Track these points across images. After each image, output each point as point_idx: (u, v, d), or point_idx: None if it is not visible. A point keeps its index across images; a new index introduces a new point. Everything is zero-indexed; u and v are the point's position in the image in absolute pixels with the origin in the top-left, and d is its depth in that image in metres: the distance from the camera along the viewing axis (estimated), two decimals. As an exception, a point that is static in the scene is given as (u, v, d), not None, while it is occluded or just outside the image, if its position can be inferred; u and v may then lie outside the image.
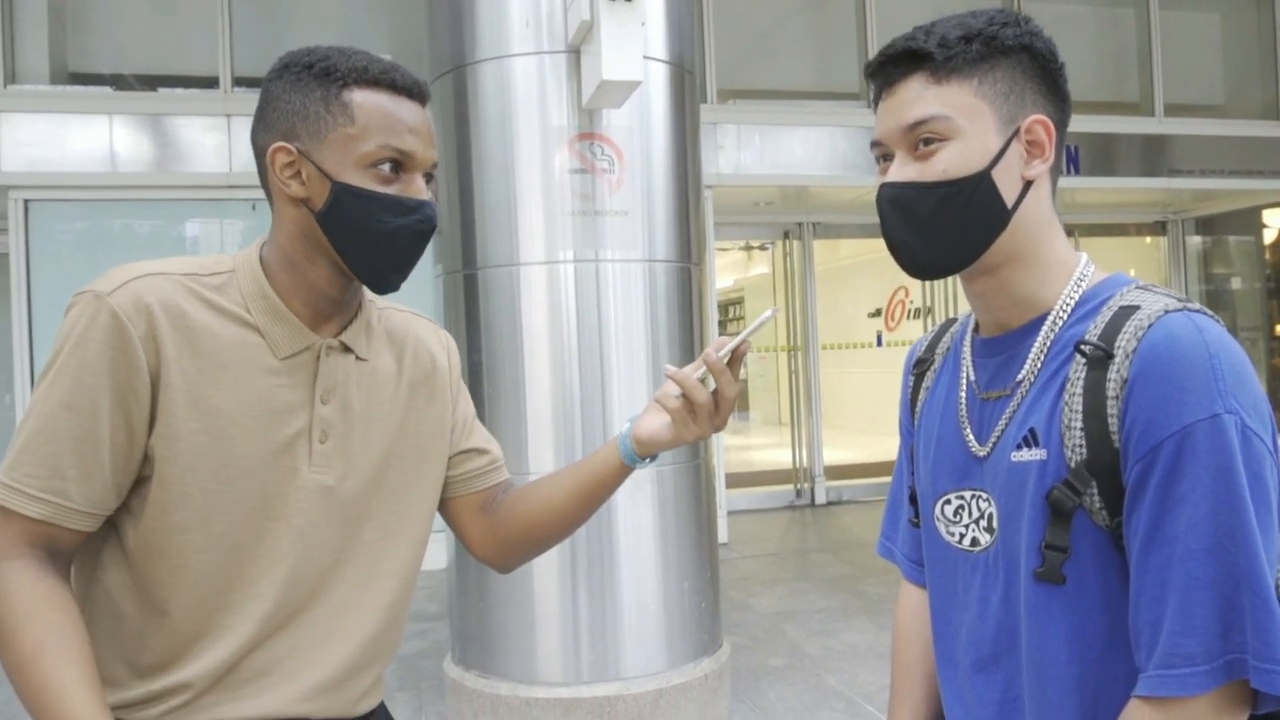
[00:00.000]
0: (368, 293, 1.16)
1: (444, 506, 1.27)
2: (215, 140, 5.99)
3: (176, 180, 5.92)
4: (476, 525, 1.27)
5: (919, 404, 1.17)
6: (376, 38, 6.68)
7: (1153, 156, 7.68)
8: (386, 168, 1.03)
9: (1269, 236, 8.74)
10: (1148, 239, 9.08)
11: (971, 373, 1.07)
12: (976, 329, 1.09)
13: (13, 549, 0.97)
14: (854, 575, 5.62)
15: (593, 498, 1.22)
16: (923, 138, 0.96)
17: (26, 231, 5.75)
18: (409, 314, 1.26)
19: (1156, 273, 8.91)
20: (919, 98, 0.96)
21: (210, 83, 6.11)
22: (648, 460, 1.18)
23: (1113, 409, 0.89)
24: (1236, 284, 8.97)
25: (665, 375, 1.13)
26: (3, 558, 0.97)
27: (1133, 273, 1.04)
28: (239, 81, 6.15)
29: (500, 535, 1.26)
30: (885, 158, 1.01)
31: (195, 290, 1.04)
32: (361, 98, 1.03)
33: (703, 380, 1.11)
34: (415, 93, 1.07)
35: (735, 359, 1.11)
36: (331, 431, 1.09)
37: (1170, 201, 8.47)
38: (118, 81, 6.22)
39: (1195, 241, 8.95)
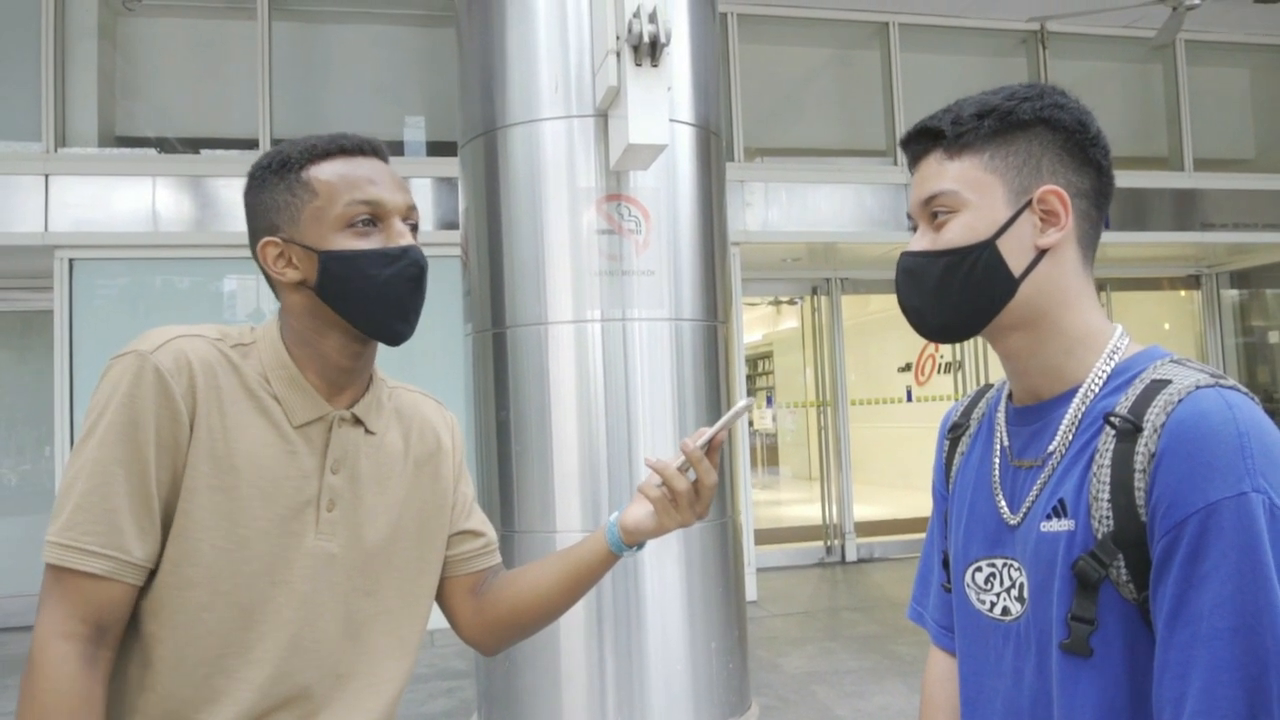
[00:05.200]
0: (379, 371, 1.21)
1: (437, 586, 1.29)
2: (254, 200, 6.13)
3: (216, 239, 6.07)
4: (466, 607, 1.29)
5: (954, 469, 1.17)
6: (409, 102, 6.86)
7: (1184, 211, 7.64)
8: (361, 223, 1.09)
9: (1305, 290, 8.63)
10: (1182, 293, 8.99)
11: (1005, 439, 1.07)
12: (1010, 396, 1.09)
13: (68, 624, 0.98)
14: (886, 635, 5.52)
15: (579, 584, 1.25)
16: (934, 211, 1.01)
17: (71, 289, 5.91)
18: (418, 394, 1.30)
19: (1191, 326, 8.81)
20: (935, 173, 1.01)
21: (250, 144, 6.28)
22: (634, 548, 1.22)
23: (1140, 482, 0.88)
24: (1274, 338, 8.84)
25: (646, 465, 1.17)
26: (56, 633, 0.98)
27: (1167, 327, 1.03)
28: (279, 143, 6.31)
29: (488, 618, 1.28)
30: (914, 230, 1.06)
31: (224, 353, 1.09)
32: (317, 170, 1.11)
33: (683, 469, 1.15)
34: (368, 150, 1.14)
35: (713, 448, 1.16)
36: (339, 501, 1.12)
37: (1203, 255, 8.40)
38: (162, 144, 6.42)
39: (1230, 295, 8.85)
